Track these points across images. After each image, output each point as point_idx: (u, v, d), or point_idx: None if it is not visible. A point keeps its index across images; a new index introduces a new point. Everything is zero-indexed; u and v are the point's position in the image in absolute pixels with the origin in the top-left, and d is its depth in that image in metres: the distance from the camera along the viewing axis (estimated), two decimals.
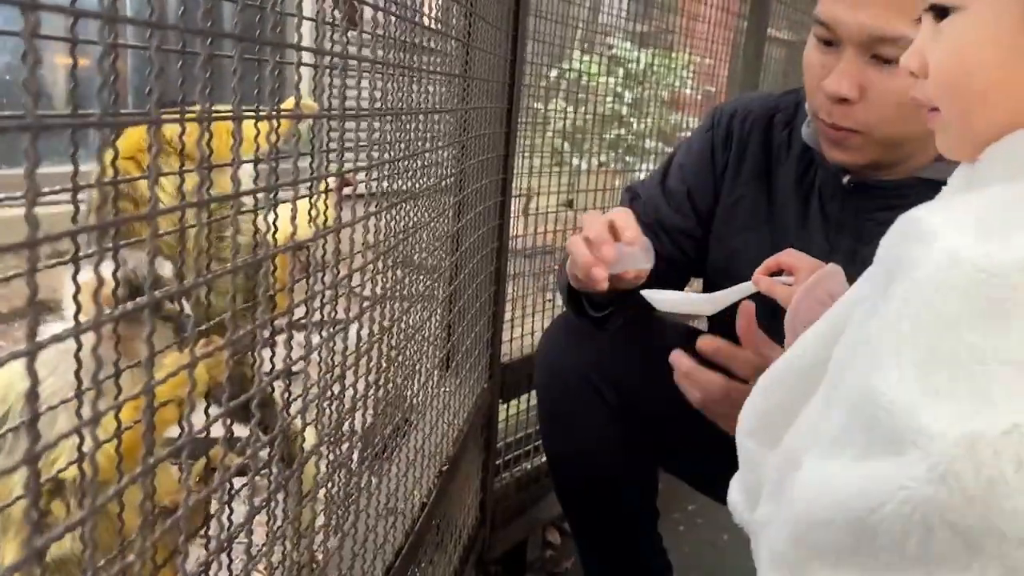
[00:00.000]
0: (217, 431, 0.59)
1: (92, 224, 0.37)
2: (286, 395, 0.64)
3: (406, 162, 0.82)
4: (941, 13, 0.56)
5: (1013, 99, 0.52)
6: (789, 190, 1.12)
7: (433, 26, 0.96)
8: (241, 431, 0.81)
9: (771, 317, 0.89)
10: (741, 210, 1.17)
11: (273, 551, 0.57)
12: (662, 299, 0.96)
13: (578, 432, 1.24)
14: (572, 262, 1.00)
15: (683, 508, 1.95)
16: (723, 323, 0.96)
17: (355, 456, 0.75)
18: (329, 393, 0.61)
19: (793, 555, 0.44)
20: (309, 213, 0.60)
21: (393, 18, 0.73)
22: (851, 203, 1.06)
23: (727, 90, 2.73)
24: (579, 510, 1.36)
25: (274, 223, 0.59)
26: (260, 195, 0.59)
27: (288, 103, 0.80)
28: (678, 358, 0.96)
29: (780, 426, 0.63)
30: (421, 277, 0.96)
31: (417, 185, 0.88)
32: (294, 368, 0.58)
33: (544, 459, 1.67)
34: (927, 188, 1.02)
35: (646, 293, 0.97)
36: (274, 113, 0.54)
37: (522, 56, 1.41)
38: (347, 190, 0.96)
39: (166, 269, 0.80)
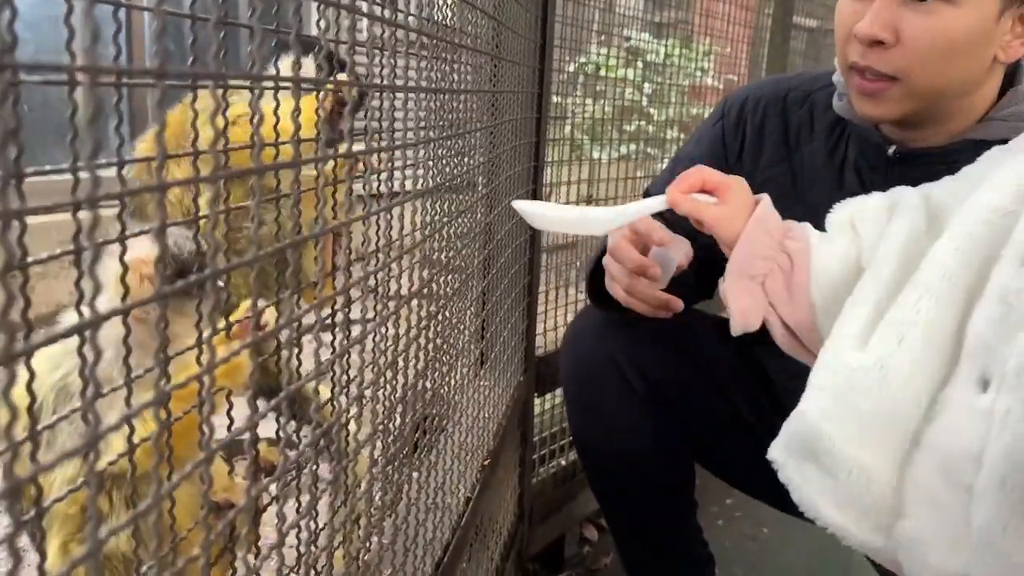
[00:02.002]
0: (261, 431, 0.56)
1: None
2: (333, 388, 0.62)
3: (444, 143, 0.79)
4: None
5: None
6: (818, 167, 1.08)
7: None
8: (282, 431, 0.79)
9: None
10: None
11: (330, 544, 0.55)
12: (537, 212, 0.81)
13: (606, 419, 1.20)
14: (639, 307, 0.97)
15: (721, 502, 1.91)
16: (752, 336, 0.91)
17: (404, 449, 0.72)
18: (382, 380, 0.58)
19: None
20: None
21: None
22: (895, 173, 1.01)
23: (750, 79, 2.69)
24: (612, 499, 1.32)
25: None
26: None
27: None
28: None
29: (910, 420, 0.57)
30: (461, 264, 0.93)
31: (456, 170, 0.85)
32: (349, 352, 0.55)
33: None
34: (979, 149, 0.98)
35: (517, 205, 0.84)
36: (312, 85, 0.51)
37: (551, 39, 1.38)
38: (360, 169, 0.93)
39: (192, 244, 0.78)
